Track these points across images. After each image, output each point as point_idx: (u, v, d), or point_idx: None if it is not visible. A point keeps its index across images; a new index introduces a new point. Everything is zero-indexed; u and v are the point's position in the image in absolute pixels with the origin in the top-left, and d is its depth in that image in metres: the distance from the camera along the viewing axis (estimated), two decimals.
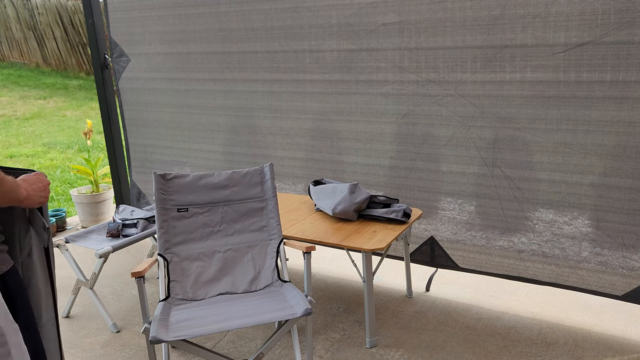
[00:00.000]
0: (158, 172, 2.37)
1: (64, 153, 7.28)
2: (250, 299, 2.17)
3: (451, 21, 2.60)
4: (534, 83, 2.49)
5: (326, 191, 2.83)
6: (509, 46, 2.50)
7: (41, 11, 11.79)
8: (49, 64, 12.27)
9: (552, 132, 2.51)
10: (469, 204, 2.80)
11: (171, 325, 1.94)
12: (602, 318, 2.70)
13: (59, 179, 6.05)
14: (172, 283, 2.26)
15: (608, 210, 2.48)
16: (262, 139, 3.41)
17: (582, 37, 2.34)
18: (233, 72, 3.38)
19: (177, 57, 3.57)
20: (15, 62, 12.49)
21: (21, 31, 12.11)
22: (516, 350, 2.44)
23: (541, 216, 2.64)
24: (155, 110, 3.82)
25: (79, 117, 9.55)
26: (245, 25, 3.24)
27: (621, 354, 2.39)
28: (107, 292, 3.21)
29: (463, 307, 2.85)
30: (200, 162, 3.73)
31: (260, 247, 2.41)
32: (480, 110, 2.64)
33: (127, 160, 4.13)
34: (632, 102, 2.31)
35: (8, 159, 6.99)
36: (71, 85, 11.53)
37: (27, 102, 10.27)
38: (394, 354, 2.45)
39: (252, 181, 2.46)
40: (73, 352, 2.56)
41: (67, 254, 2.78)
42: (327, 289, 3.13)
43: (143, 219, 3.03)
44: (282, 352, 2.49)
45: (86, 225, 4.40)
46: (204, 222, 2.39)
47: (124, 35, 3.77)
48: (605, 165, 2.44)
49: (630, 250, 2.47)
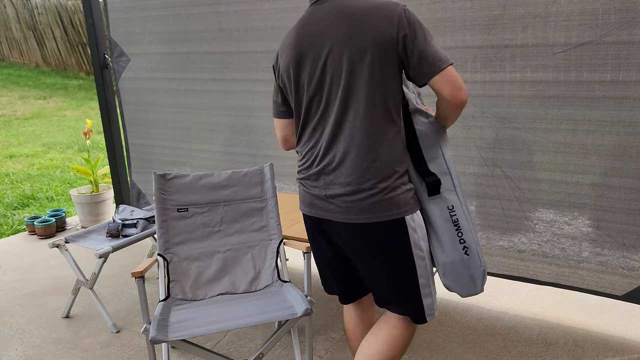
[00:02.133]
0: (158, 172, 2.37)
1: (64, 153, 7.28)
2: (250, 299, 2.17)
3: (451, 21, 2.60)
4: (534, 83, 2.49)
5: None
6: (509, 46, 2.50)
7: (41, 11, 11.78)
8: (48, 64, 12.27)
9: (552, 132, 2.51)
10: (469, 203, 2.80)
11: (171, 325, 1.94)
12: (602, 318, 2.70)
13: (58, 179, 6.05)
14: (172, 283, 2.26)
15: (608, 210, 2.48)
16: (262, 139, 3.40)
17: (583, 37, 2.34)
18: (233, 72, 3.38)
19: (177, 57, 3.57)
20: (15, 62, 12.49)
21: (21, 31, 12.11)
22: (516, 350, 2.44)
23: (541, 216, 2.64)
24: (155, 110, 3.82)
25: (78, 117, 9.55)
26: (245, 25, 3.24)
27: (621, 354, 2.39)
28: (107, 292, 3.20)
29: (463, 307, 2.85)
30: (200, 162, 3.73)
31: (260, 247, 2.41)
32: (480, 110, 2.64)
33: (127, 160, 4.13)
34: (633, 102, 2.31)
35: (8, 159, 6.99)
36: (71, 85, 11.53)
37: (27, 102, 10.27)
38: None
39: (252, 181, 2.46)
40: (73, 352, 2.56)
41: (67, 254, 2.78)
42: None
43: (143, 219, 3.03)
44: (282, 352, 2.49)
45: (86, 225, 4.40)
46: (203, 222, 2.39)
47: (124, 35, 3.77)
48: (606, 165, 2.43)
49: (631, 250, 2.47)
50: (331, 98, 1.58)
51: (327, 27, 1.56)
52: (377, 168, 1.57)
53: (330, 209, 1.64)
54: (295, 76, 1.63)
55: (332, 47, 1.55)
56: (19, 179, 6.07)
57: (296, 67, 1.62)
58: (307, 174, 1.69)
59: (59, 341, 2.67)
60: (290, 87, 1.66)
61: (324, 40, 1.56)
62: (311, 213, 1.71)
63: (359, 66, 1.53)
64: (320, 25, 1.57)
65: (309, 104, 1.63)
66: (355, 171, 1.57)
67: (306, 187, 1.71)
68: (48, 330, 2.78)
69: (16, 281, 3.40)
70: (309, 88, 1.61)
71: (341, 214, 1.62)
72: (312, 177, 1.67)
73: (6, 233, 4.40)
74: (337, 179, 1.60)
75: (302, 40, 1.60)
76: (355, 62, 1.53)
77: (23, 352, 2.58)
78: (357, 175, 1.57)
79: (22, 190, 5.59)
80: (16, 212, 4.95)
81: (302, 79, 1.62)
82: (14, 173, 6.31)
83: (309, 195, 1.70)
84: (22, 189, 5.64)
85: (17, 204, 5.19)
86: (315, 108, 1.62)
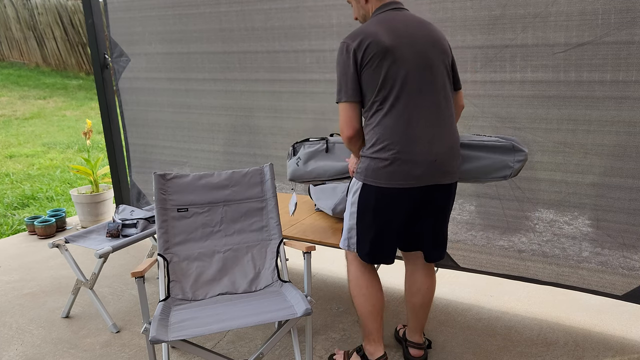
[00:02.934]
0: (158, 172, 2.37)
1: (64, 153, 7.28)
2: (250, 299, 2.17)
3: (451, 21, 2.60)
4: (534, 83, 2.49)
5: (326, 191, 2.83)
6: (509, 46, 2.50)
7: (41, 11, 11.78)
8: (48, 64, 12.27)
9: (552, 131, 2.51)
10: (469, 203, 2.80)
11: (171, 325, 1.94)
12: (602, 318, 2.70)
13: (58, 179, 6.05)
14: (172, 283, 2.26)
15: (608, 210, 2.48)
16: (262, 138, 3.40)
17: (583, 37, 2.34)
18: (233, 72, 3.38)
19: (177, 57, 3.57)
20: (15, 62, 12.49)
21: (21, 31, 12.11)
22: (516, 350, 2.44)
23: (541, 216, 2.64)
24: (155, 110, 3.82)
25: (78, 117, 9.55)
26: (245, 25, 3.24)
27: (621, 354, 2.39)
28: (107, 292, 3.20)
29: (463, 307, 2.85)
30: (200, 162, 3.73)
31: (260, 247, 2.41)
32: (480, 110, 2.64)
33: (127, 160, 4.13)
34: (633, 102, 2.31)
35: (8, 159, 6.99)
36: (71, 85, 11.53)
37: (27, 102, 10.27)
38: (394, 354, 2.45)
39: (252, 181, 2.46)
40: (73, 352, 2.56)
41: (66, 254, 2.78)
42: (327, 289, 3.13)
43: (143, 219, 3.03)
44: (282, 352, 2.49)
45: (86, 225, 4.40)
46: (203, 222, 2.39)
47: (124, 35, 3.77)
48: (606, 165, 2.43)
49: (631, 250, 2.47)
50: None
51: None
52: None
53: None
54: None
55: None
56: (19, 179, 6.07)
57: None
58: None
59: (59, 341, 2.67)
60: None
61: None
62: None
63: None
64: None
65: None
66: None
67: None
68: (48, 330, 2.78)
69: (16, 281, 3.40)
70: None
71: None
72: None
73: (6, 233, 4.40)
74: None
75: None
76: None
77: (23, 352, 2.58)
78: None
79: (22, 190, 5.59)
80: (16, 212, 4.95)
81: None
82: (14, 173, 6.31)
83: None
84: (22, 189, 5.64)
85: (17, 204, 5.19)
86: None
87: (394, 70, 1.86)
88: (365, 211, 2.02)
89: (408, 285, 2.26)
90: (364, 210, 2.02)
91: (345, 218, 2.14)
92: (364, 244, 2.08)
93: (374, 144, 1.92)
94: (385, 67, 1.86)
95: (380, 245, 2.07)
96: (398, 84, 1.87)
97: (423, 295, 2.23)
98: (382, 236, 2.05)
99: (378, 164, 1.92)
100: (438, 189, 1.99)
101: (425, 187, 1.96)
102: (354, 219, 2.07)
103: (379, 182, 1.94)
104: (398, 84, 1.87)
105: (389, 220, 2.01)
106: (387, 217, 2.00)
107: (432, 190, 1.99)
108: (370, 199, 1.98)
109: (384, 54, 1.85)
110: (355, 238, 2.09)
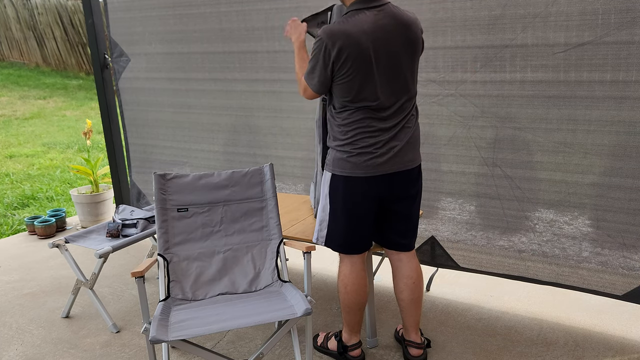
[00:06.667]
0: (158, 172, 2.37)
1: (64, 153, 7.28)
2: (250, 299, 2.17)
3: (452, 21, 2.60)
4: (534, 83, 2.49)
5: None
6: (509, 46, 2.50)
7: (41, 11, 11.78)
8: (48, 63, 12.27)
9: (552, 131, 2.51)
10: (469, 203, 2.80)
11: (171, 325, 1.94)
12: (602, 318, 2.70)
13: (58, 179, 6.05)
14: (172, 283, 2.26)
15: (608, 210, 2.48)
16: (262, 138, 3.40)
17: (583, 37, 2.34)
18: (233, 72, 3.38)
19: (177, 57, 3.57)
20: (15, 62, 12.49)
21: (21, 31, 12.11)
22: (516, 350, 2.44)
23: (542, 216, 2.64)
24: (155, 110, 3.82)
25: (78, 117, 9.55)
26: (245, 25, 3.24)
27: (621, 354, 2.39)
28: (107, 292, 3.20)
29: (463, 307, 2.85)
30: (200, 162, 3.73)
31: (260, 247, 2.41)
32: (480, 110, 2.64)
33: (127, 160, 4.12)
34: (633, 102, 2.31)
35: (8, 158, 6.99)
36: (71, 85, 11.53)
37: (26, 102, 10.27)
38: (394, 354, 2.45)
39: (252, 181, 2.46)
40: (73, 352, 2.56)
41: (66, 254, 2.78)
42: (327, 289, 3.13)
43: (143, 219, 3.03)
44: (282, 352, 2.49)
45: (86, 225, 4.40)
46: (203, 222, 2.39)
47: (124, 35, 3.77)
48: (606, 165, 2.43)
49: (631, 250, 2.47)
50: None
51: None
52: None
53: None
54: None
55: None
56: (19, 179, 6.07)
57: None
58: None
59: (59, 341, 2.67)
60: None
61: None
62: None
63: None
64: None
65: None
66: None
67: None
68: (48, 330, 2.78)
69: (16, 281, 3.40)
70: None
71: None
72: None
73: (6, 233, 4.40)
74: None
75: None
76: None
77: (23, 352, 2.58)
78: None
79: (22, 190, 5.59)
80: (16, 212, 4.96)
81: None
82: (14, 173, 6.31)
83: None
84: (22, 189, 5.64)
85: (17, 204, 5.19)
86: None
87: (368, 78, 1.97)
88: (336, 200, 2.16)
89: (395, 282, 2.33)
90: (335, 200, 2.16)
91: (317, 212, 2.27)
92: (337, 235, 2.23)
93: (342, 139, 2.07)
94: (358, 80, 1.97)
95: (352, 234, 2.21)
96: (369, 89, 1.98)
97: (411, 291, 2.29)
98: (354, 225, 2.19)
99: (344, 155, 2.07)
100: (401, 175, 2.13)
101: (388, 175, 2.11)
102: (326, 211, 2.21)
103: (346, 172, 2.09)
104: (369, 89, 1.98)
105: (358, 208, 2.14)
106: (357, 206, 2.14)
107: (395, 178, 2.13)
108: (339, 188, 2.13)
109: (358, 65, 1.94)
110: (326, 231, 2.23)
